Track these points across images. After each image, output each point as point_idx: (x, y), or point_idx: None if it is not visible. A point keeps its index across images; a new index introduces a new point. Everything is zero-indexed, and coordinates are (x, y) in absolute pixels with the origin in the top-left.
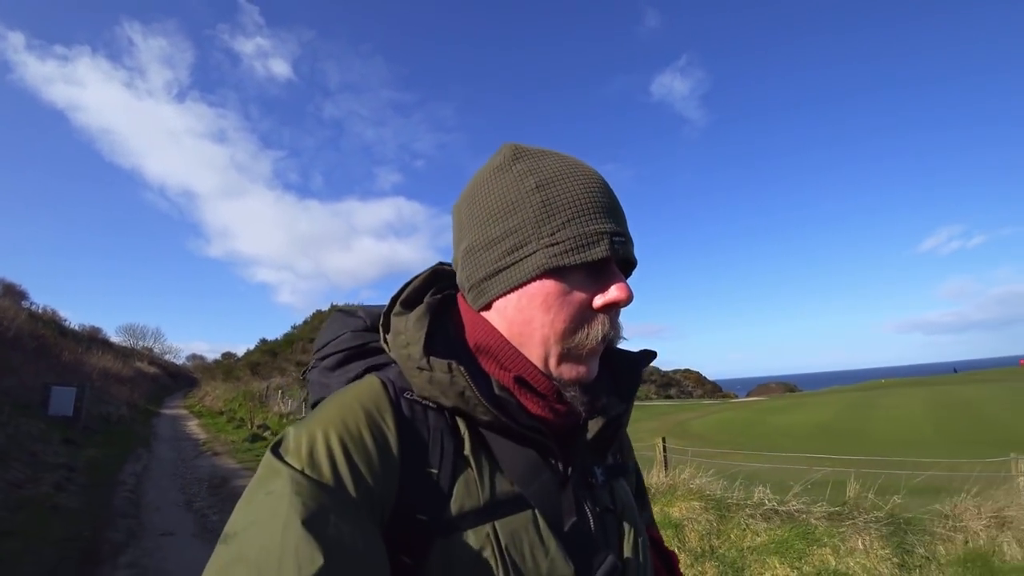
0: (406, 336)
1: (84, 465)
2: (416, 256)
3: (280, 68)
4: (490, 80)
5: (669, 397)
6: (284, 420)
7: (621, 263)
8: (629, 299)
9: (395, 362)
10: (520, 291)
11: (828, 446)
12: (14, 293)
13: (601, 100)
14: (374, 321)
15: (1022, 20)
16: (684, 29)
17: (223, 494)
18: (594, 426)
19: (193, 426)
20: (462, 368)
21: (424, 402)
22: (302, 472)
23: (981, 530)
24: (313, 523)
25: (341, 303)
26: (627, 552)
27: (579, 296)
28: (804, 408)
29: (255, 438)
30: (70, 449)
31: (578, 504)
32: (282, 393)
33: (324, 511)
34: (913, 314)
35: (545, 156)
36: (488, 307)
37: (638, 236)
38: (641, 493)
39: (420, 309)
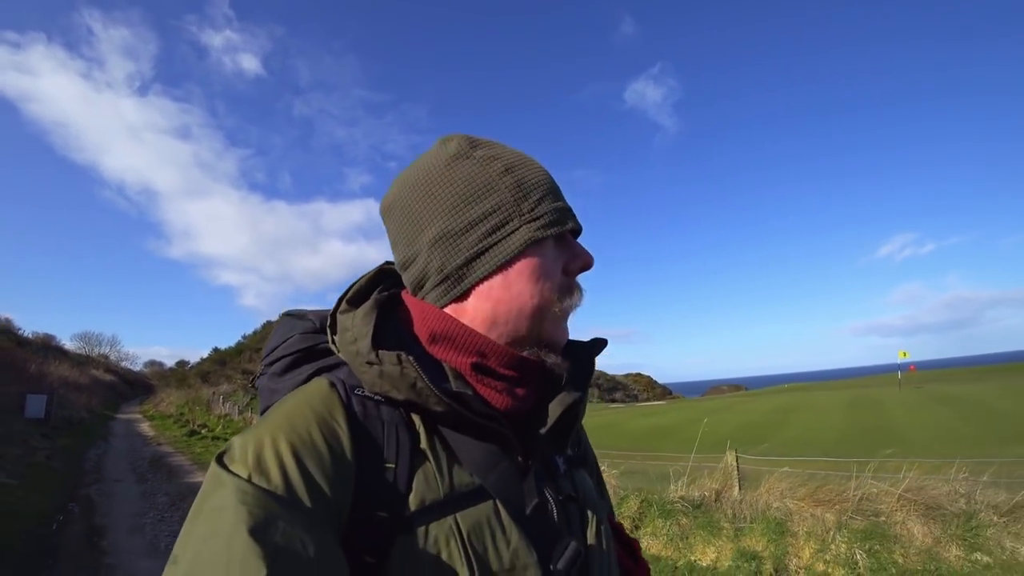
0: (353, 332)
1: (60, 449)
2: (384, 259)
3: (249, 63)
4: (464, 82)
5: (614, 401)
6: (222, 420)
7: (574, 233)
8: (593, 262)
9: (345, 362)
10: (506, 270)
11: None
12: None
13: (575, 105)
14: (323, 322)
15: (971, 38)
16: (659, 37)
17: (159, 466)
18: (553, 412)
19: (145, 427)
20: (411, 359)
21: (376, 398)
22: (248, 480)
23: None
24: (259, 532)
25: (308, 306)
26: (590, 539)
27: (559, 263)
28: (676, 412)
29: (192, 433)
30: (47, 440)
31: (540, 492)
32: (222, 399)
33: (272, 519)
34: (870, 318)
35: (497, 145)
36: (465, 296)
37: (610, 241)
38: (600, 485)
39: (367, 305)
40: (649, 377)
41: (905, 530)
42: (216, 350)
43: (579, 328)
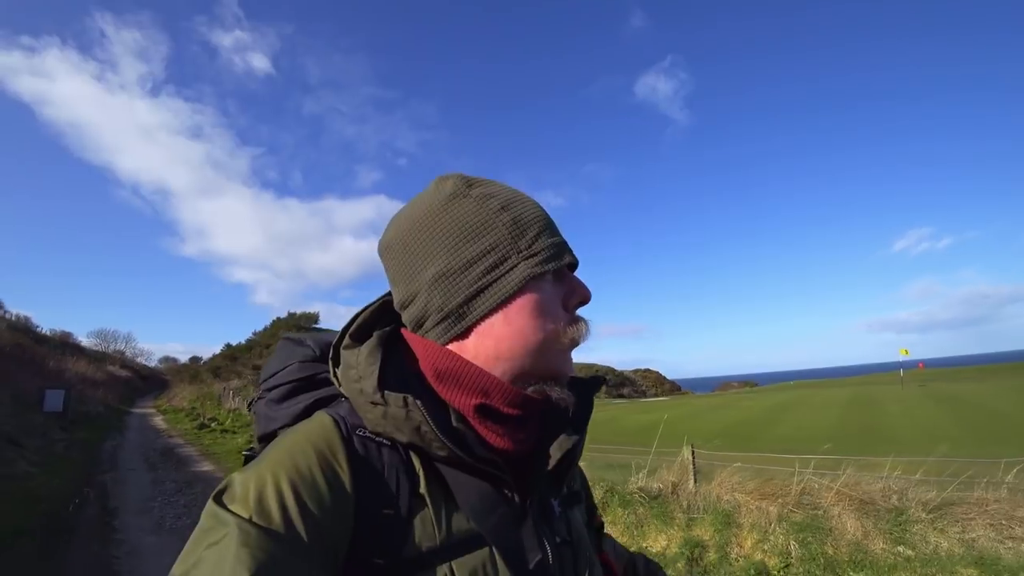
0: (358, 370)
1: (77, 441)
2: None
3: (259, 62)
4: (473, 78)
5: (621, 396)
6: (231, 414)
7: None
8: (590, 296)
9: (345, 396)
10: (507, 307)
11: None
12: None
13: (584, 100)
14: (323, 350)
15: (991, 33)
16: (670, 30)
17: (169, 456)
18: (554, 455)
19: (158, 420)
20: (419, 403)
21: (378, 439)
22: (250, 520)
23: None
24: (262, 575)
25: (320, 303)
26: None
27: (558, 299)
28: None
29: (202, 427)
30: (65, 432)
31: (538, 538)
32: (232, 393)
33: (274, 562)
34: (885, 314)
35: (492, 183)
36: (465, 334)
37: (620, 235)
38: (591, 505)
39: (372, 342)
40: (657, 372)
41: (840, 523)
42: (228, 346)
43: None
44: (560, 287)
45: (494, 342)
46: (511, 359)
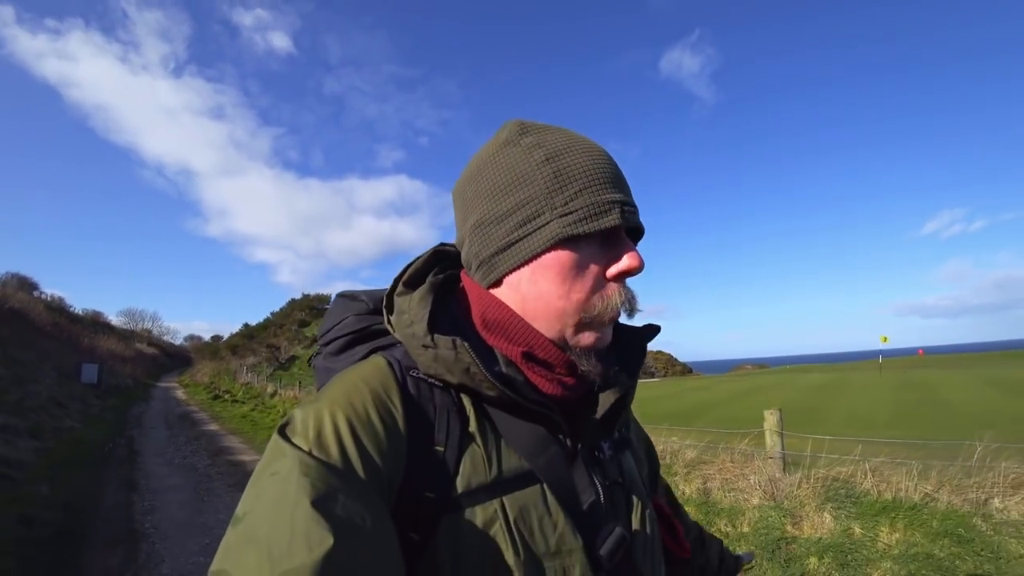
0: (410, 315)
1: (110, 407)
2: (417, 235)
3: (280, 41)
4: (494, 54)
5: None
6: (243, 388)
7: (630, 232)
8: (641, 266)
9: (400, 342)
10: (534, 263)
11: None
12: (27, 286)
13: (609, 75)
14: (377, 304)
15: None
16: (697, 3)
17: (184, 419)
18: (605, 402)
19: (179, 393)
20: (466, 345)
21: (430, 380)
22: (309, 453)
23: None
24: (322, 503)
25: (341, 282)
26: (635, 524)
27: (594, 265)
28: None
29: (215, 397)
30: (100, 400)
31: (588, 478)
32: (246, 369)
33: (332, 491)
34: (912, 297)
35: (551, 131)
36: (499, 283)
37: (642, 214)
38: (653, 461)
39: (423, 288)
40: (669, 355)
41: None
42: (246, 325)
43: None
44: (606, 252)
45: (520, 297)
46: (536, 318)
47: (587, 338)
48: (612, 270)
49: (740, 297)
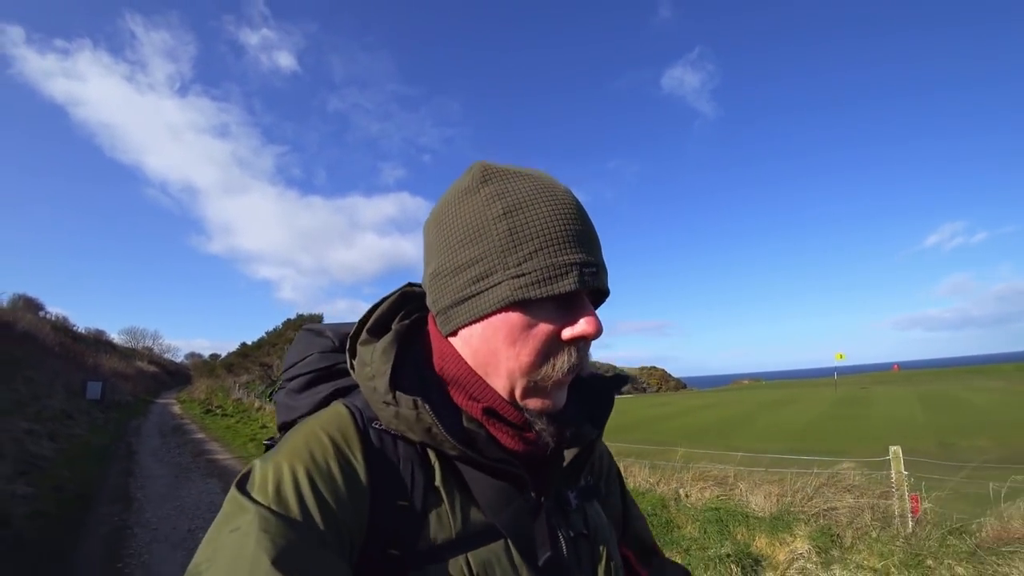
0: (372, 368)
1: (113, 419)
2: (419, 252)
3: (285, 61)
4: (497, 73)
5: (620, 393)
6: (233, 403)
7: (593, 293)
8: (598, 333)
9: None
10: (485, 321)
11: None
12: (33, 307)
13: (610, 93)
14: (342, 340)
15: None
16: (698, 20)
17: (177, 430)
18: (569, 453)
19: (175, 408)
20: (427, 406)
21: (393, 432)
22: (269, 508)
23: None
24: (282, 562)
25: (343, 299)
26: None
27: (545, 328)
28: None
29: (207, 412)
30: (103, 414)
31: (551, 532)
32: (239, 387)
33: (292, 548)
34: (914, 311)
35: (516, 178)
36: (455, 334)
37: (642, 231)
38: (626, 498)
39: (387, 338)
40: (663, 370)
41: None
42: (242, 344)
43: (610, 320)
44: (562, 315)
45: (472, 352)
46: (488, 376)
47: (535, 403)
48: (566, 333)
49: (740, 315)
